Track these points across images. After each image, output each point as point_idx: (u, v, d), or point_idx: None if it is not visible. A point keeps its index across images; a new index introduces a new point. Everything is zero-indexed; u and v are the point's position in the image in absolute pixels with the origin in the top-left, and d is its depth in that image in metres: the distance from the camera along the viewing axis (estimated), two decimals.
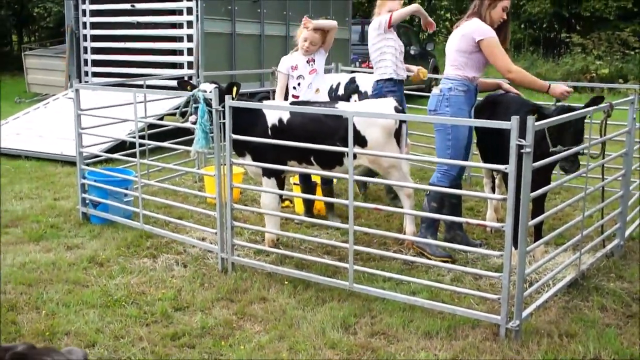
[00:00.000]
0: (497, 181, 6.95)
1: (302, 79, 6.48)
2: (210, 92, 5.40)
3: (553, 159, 4.84)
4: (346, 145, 4.89)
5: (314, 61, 6.52)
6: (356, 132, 5.33)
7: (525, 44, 23.80)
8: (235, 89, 5.69)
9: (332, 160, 5.78)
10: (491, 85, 6.33)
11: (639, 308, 4.84)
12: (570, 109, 5.18)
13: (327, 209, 6.98)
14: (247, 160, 5.90)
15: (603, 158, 5.57)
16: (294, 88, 6.53)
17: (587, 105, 5.24)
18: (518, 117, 4.12)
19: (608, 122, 5.47)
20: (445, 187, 5.56)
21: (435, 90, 5.82)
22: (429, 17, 6.71)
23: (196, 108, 5.62)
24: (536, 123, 4.16)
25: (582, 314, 4.72)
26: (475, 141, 6.31)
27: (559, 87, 5.54)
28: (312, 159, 5.79)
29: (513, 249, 4.33)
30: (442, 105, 5.69)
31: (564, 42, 22.45)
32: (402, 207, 5.99)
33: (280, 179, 6.08)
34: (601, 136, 5.46)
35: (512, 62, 5.60)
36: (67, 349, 1.20)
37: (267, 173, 5.92)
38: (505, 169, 4.19)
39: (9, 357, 1.09)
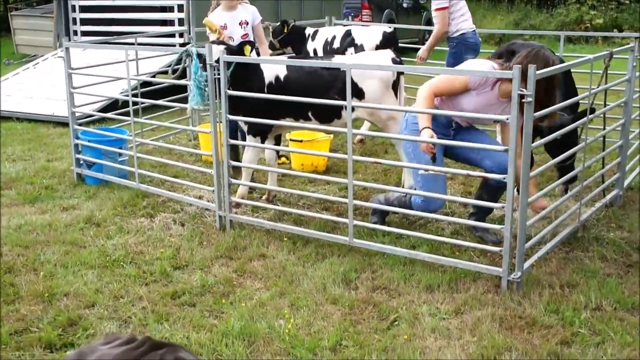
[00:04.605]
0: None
1: (232, 41, 6.16)
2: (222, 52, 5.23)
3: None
4: (343, 98, 4.80)
5: (247, 24, 6.27)
6: (353, 85, 5.23)
7: None
8: (248, 47, 5.56)
9: (330, 114, 5.71)
10: None
11: (639, 257, 4.84)
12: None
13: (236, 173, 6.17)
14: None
15: (605, 107, 5.51)
16: None
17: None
18: (520, 66, 4.05)
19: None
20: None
21: None
22: None
23: (179, 60, 5.52)
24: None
25: (583, 265, 4.71)
26: None
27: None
28: (309, 113, 5.71)
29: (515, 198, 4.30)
30: None
31: None
32: None
33: (273, 137, 5.99)
34: (602, 85, 5.39)
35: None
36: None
37: (253, 132, 5.81)
38: (507, 119, 4.14)
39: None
